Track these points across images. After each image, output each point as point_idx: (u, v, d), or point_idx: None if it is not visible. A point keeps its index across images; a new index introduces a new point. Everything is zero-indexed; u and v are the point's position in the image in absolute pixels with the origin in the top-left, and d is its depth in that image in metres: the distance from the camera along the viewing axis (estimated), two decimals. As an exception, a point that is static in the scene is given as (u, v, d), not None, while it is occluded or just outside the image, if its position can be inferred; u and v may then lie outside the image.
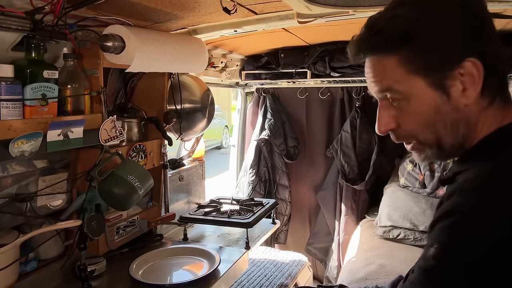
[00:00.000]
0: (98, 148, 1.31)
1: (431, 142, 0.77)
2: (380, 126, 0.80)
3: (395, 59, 0.74)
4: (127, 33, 1.23)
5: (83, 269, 1.26)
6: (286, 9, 1.40)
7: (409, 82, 0.74)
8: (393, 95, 0.76)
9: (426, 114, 0.75)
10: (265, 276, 1.95)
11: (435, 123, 0.75)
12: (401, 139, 0.81)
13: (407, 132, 0.78)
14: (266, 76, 2.47)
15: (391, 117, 0.78)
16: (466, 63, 0.71)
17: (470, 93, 0.73)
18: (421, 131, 0.77)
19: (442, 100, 0.73)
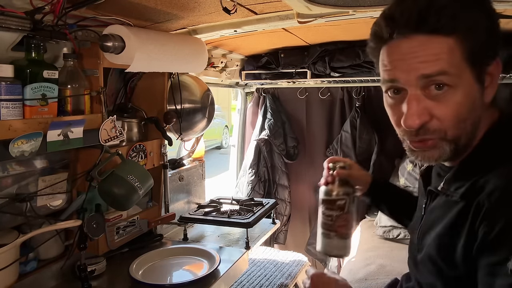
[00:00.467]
0: (98, 148, 1.31)
1: (455, 139, 0.74)
2: (414, 118, 0.72)
3: (452, 40, 0.70)
4: (127, 33, 1.23)
5: (83, 269, 1.26)
6: (286, 9, 1.40)
7: (461, 69, 0.71)
8: (444, 78, 0.70)
9: (466, 106, 0.72)
10: (265, 276, 1.95)
11: (468, 118, 0.73)
12: (429, 134, 0.75)
13: (439, 126, 0.73)
14: (266, 76, 2.47)
15: (425, 108, 0.73)
16: (494, 62, 0.74)
17: (490, 90, 0.75)
18: (453, 126, 0.73)
19: (479, 94, 0.74)
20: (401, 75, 0.73)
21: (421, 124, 0.73)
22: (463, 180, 0.77)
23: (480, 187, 0.72)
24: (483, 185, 0.72)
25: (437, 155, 0.76)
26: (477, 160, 0.77)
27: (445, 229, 0.80)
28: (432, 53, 0.71)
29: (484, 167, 0.75)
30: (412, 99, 0.73)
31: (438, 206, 0.86)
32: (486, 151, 0.77)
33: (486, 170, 0.74)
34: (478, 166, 0.76)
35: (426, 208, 0.91)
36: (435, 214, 0.86)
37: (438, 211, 0.85)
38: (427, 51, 0.71)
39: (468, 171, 0.77)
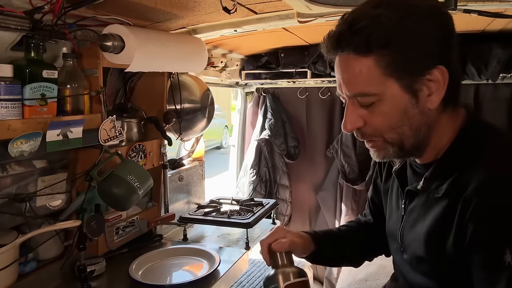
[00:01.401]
0: (98, 148, 1.31)
1: (395, 141, 0.80)
2: (347, 124, 0.82)
3: (372, 59, 0.75)
4: (127, 32, 1.22)
5: (83, 269, 1.25)
6: (286, 8, 1.39)
7: (383, 84, 0.76)
8: (366, 99, 0.78)
9: (395, 115, 0.78)
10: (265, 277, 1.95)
11: (402, 124, 0.79)
12: (366, 137, 0.83)
13: (374, 131, 0.81)
14: (266, 76, 2.47)
15: (359, 116, 0.81)
16: (435, 69, 0.76)
17: (435, 98, 0.77)
18: (387, 131, 0.80)
19: (411, 103, 0.77)
20: (339, 89, 0.83)
21: (353, 129, 0.82)
22: (442, 177, 0.80)
23: (464, 183, 0.75)
24: (467, 181, 0.75)
25: (382, 155, 0.84)
26: (454, 157, 0.81)
27: (431, 227, 0.82)
28: (352, 74, 0.77)
29: (462, 164, 0.78)
30: (348, 108, 0.82)
31: (418, 205, 0.88)
32: (461, 149, 0.80)
33: (466, 167, 0.77)
34: (456, 163, 0.79)
35: (405, 208, 0.92)
36: (416, 213, 0.88)
37: (419, 210, 0.87)
38: (349, 71, 0.78)
39: (447, 168, 0.81)
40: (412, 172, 0.92)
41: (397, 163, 0.97)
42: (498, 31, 1.81)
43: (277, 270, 0.88)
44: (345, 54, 0.78)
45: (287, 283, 0.84)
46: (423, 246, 0.84)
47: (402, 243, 0.93)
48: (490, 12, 1.28)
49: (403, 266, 0.96)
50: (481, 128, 0.83)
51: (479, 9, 1.25)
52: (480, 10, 1.25)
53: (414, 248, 0.87)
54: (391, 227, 1.01)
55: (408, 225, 0.91)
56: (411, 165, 0.93)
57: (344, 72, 0.79)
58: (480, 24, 1.69)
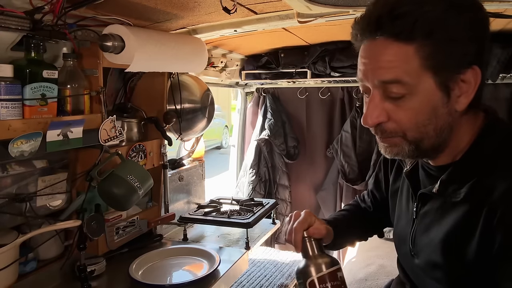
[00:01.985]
0: (98, 148, 1.31)
1: (415, 140, 0.76)
2: (369, 118, 0.75)
3: (413, 47, 0.70)
4: (127, 32, 1.22)
5: (83, 269, 1.25)
6: (286, 8, 1.39)
7: (419, 76, 0.71)
8: (398, 88, 0.72)
9: (425, 112, 0.73)
10: (265, 277, 1.95)
11: (428, 123, 0.74)
12: (386, 134, 0.77)
13: (396, 128, 0.75)
14: (266, 76, 2.47)
15: (383, 109, 0.75)
16: (469, 69, 0.72)
17: (464, 99, 0.73)
18: (412, 129, 0.74)
19: (442, 102, 0.73)
20: (366, 76, 0.75)
21: (375, 124, 0.76)
22: (460, 181, 0.76)
23: (487, 188, 0.71)
24: (490, 186, 0.71)
25: (395, 152, 0.78)
26: (473, 160, 0.77)
27: (449, 233, 0.78)
28: (389, 59, 0.71)
29: (483, 168, 0.74)
30: (372, 99, 0.75)
31: (432, 209, 0.84)
32: (481, 152, 0.77)
33: (487, 170, 0.73)
34: (475, 167, 0.76)
35: (418, 212, 0.88)
36: (430, 217, 0.85)
37: (434, 214, 0.84)
38: (385, 56, 0.71)
39: (466, 171, 0.77)
40: (426, 175, 0.88)
41: (407, 165, 0.93)
42: (498, 31, 1.81)
43: (308, 261, 0.83)
44: (382, 38, 0.72)
45: (320, 274, 0.79)
46: (439, 252, 0.80)
47: (414, 247, 0.89)
48: (490, 12, 1.28)
49: (413, 270, 0.93)
50: (501, 130, 0.79)
51: (479, 9, 1.25)
52: (480, 10, 1.25)
53: (429, 254, 0.84)
54: (400, 230, 0.98)
55: (421, 229, 0.87)
56: (423, 167, 0.89)
57: (379, 56, 0.72)
58: (480, 24, 1.69)
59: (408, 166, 0.93)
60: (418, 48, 0.70)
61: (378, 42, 0.73)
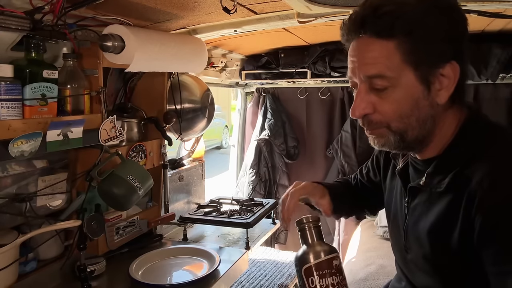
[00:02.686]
0: (98, 148, 1.31)
1: (399, 131, 0.80)
2: (357, 110, 0.81)
3: (393, 44, 0.76)
4: (127, 33, 1.22)
5: (83, 269, 1.25)
6: (286, 8, 1.39)
7: (401, 71, 0.77)
8: (382, 82, 0.77)
9: (407, 104, 0.78)
10: (265, 277, 1.95)
11: (411, 114, 0.79)
12: (372, 125, 0.82)
13: (381, 118, 0.81)
14: (266, 76, 2.47)
15: (369, 102, 0.80)
16: (448, 64, 0.77)
17: (444, 93, 0.79)
18: (396, 120, 0.79)
19: (423, 95, 0.78)
20: (353, 73, 0.82)
21: (362, 115, 0.81)
22: (444, 172, 0.81)
23: (467, 177, 0.76)
24: (470, 175, 0.75)
25: (382, 142, 0.84)
26: (455, 152, 0.81)
27: (434, 223, 0.82)
28: (372, 56, 0.77)
29: (464, 158, 0.79)
30: (359, 93, 0.81)
31: (421, 202, 0.88)
32: (462, 144, 0.81)
33: (468, 161, 0.78)
34: (457, 158, 0.80)
35: (408, 207, 0.92)
36: (419, 210, 0.88)
37: (422, 207, 0.87)
38: (369, 53, 0.78)
39: (448, 163, 0.81)
40: (414, 170, 0.92)
41: (400, 162, 0.97)
42: (498, 31, 1.81)
43: (307, 249, 0.85)
44: (366, 36, 0.78)
45: (318, 260, 0.81)
46: (427, 243, 0.83)
47: (406, 242, 0.93)
48: (490, 12, 1.28)
49: (406, 266, 0.95)
50: (482, 124, 0.84)
51: (479, 9, 1.25)
52: (480, 10, 1.25)
53: (418, 247, 0.87)
54: (394, 227, 1.01)
55: (411, 223, 0.91)
56: (412, 163, 0.93)
57: (363, 53, 0.79)
58: (480, 24, 1.69)
59: (401, 164, 0.97)
60: (399, 44, 0.75)
61: (363, 41, 0.79)
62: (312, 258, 0.81)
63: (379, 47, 0.77)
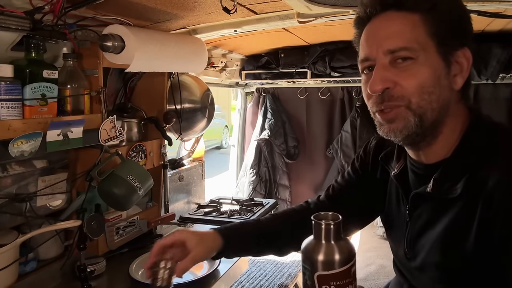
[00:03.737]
0: (98, 148, 1.31)
1: (420, 110, 0.76)
2: (377, 83, 0.76)
3: (418, 17, 0.75)
4: (127, 33, 1.22)
5: (83, 269, 1.25)
6: (286, 8, 1.40)
7: (424, 43, 0.75)
8: (406, 54, 0.75)
9: (429, 79, 0.75)
10: (265, 276, 1.95)
11: (433, 91, 0.76)
12: (392, 100, 0.77)
13: (403, 92, 0.76)
14: (266, 76, 2.47)
15: (390, 76, 0.77)
16: (463, 50, 0.78)
17: (459, 79, 0.78)
18: (417, 94, 0.76)
19: (444, 72, 0.77)
20: (371, 50, 0.78)
21: (383, 88, 0.76)
22: (454, 177, 0.77)
23: (481, 182, 0.72)
24: (484, 179, 0.72)
25: (401, 126, 0.78)
26: (464, 156, 0.78)
27: (448, 231, 0.78)
28: (396, 29, 0.76)
29: (475, 162, 0.76)
30: (379, 67, 0.77)
31: (426, 210, 0.84)
32: (472, 147, 0.78)
33: (479, 164, 0.75)
34: (468, 162, 0.77)
35: (410, 214, 0.88)
36: (424, 218, 0.84)
37: (429, 215, 0.83)
38: (392, 27, 0.76)
39: (458, 167, 0.77)
40: (415, 176, 0.88)
41: (395, 168, 0.93)
42: (498, 31, 1.81)
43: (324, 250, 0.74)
44: (390, 12, 0.78)
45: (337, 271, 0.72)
46: (438, 251, 0.80)
47: (410, 250, 0.89)
48: (490, 12, 1.28)
49: (410, 272, 0.92)
50: (488, 126, 0.81)
51: (479, 9, 1.25)
52: (480, 10, 1.25)
53: (426, 255, 0.83)
54: (394, 234, 0.98)
55: (415, 232, 0.87)
56: (412, 169, 0.89)
57: (386, 29, 0.77)
58: (480, 24, 1.69)
59: (396, 169, 0.92)
60: (423, 18, 0.75)
61: (386, 16, 0.78)
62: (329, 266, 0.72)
63: (403, 19, 0.76)
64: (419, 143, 0.82)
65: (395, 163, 0.93)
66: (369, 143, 1.08)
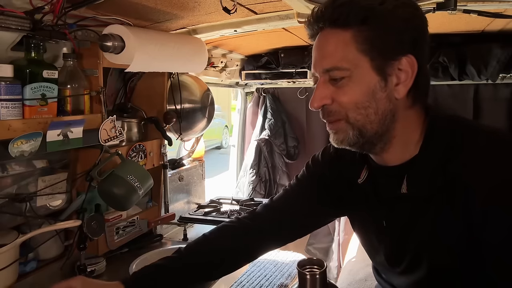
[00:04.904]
0: (98, 148, 1.31)
1: (358, 123, 0.79)
2: (316, 101, 0.81)
3: (349, 34, 0.77)
4: (127, 33, 1.22)
5: (83, 269, 1.26)
6: (286, 8, 1.39)
7: (356, 60, 0.77)
8: (338, 73, 0.78)
9: (363, 94, 0.78)
10: (265, 276, 1.95)
11: (368, 106, 0.78)
12: (331, 115, 0.81)
13: (339, 108, 0.80)
14: (266, 76, 2.47)
15: (327, 93, 0.80)
16: (405, 58, 0.77)
17: (402, 88, 0.79)
18: (353, 109, 0.79)
19: (380, 86, 0.78)
20: (315, 67, 0.83)
21: (320, 106, 0.81)
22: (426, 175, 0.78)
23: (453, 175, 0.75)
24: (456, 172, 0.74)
25: (341, 138, 0.82)
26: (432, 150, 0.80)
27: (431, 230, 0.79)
28: (329, 49, 0.79)
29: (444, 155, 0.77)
30: (319, 85, 0.81)
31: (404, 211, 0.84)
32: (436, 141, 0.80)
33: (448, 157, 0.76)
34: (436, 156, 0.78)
35: (388, 220, 0.88)
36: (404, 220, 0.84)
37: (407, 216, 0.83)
38: (327, 46, 0.80)
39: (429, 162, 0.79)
40: (385, 180, 0.88)
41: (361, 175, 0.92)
42: (498, 31, 1.81)
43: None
44: (325, 29, 0.80)
45: None
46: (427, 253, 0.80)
47: (393, 256, 0.88)
48: (490, 12, 1.28)
49: (396, 279, 0.92)
50: (449, 118, 0.83)
51: (479, 9, 1.25)
52: (480, 10, 1.25)
53: (414, 259, 0.83)
54: (369, 242, 0.97)
55: (396, 237, 0.86)
56: (381, 173, 0.89)
57: (322, 47, 0.81)
58: (480, 24, 1.69)
59: (362, 177, 0.92)
60: (354, 34, 0.76)
61: (323, 34, 0.81)
62: None
63: (336, 39, 0.78)
64: (372, 150, 0.85)
65: (358, 170, 0.93)
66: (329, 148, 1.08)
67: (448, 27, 1.75)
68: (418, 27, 0.79)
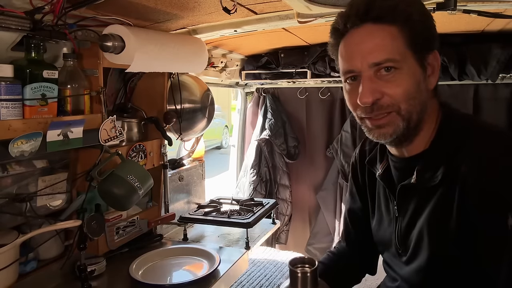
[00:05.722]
0: (98, 148, 1.31)
1: (408, 115, 0.82)
2: (366, 96, 0.81)
3: (395, 29, 0.80)
4: (127, 33, 1.22)
5: (83, 269, 1.26)
6: (286, 9, 1.40)
7: (404, 53, 0.80)
8: (391, 64, 0.80)
9: (412, 85, 0.81)
10: (265, 276, 1.95)
11: (415, 96, 0.81)
12: (382, 109, 0.82)
13: (392, 101, 0.81)
14: (266, 76, 2.47)
15: (377, 88, 0.81)
16: (434, 52, 0.84)
17: (433, 79, 0.85)
18: (405, 101, 0.81)
19: (422, 78, 0.83)
20: (356, 64, 0.82)
21: (374, 100, 0.81)
22: (434, 166, 0.83)
23: (457, 169, 0.79)
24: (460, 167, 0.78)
25: (391, 131, 0.84)
26: (442, 146, 0.84)
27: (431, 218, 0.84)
28: (378, 42, 0.81)
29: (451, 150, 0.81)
30: (366, 80, 0.82)
31: (413, 201, 0.89)
32: (447, 137, 0.85)
33: (455, 152, 0.81)
34: (445, 151, 0.83)
35: (399, 209, 0.93)
36: (411, 210, 0.89)
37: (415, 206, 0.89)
38: (374, 40, 0.81)
39: (437, 156, 0.84)
40: (399, 171, 0.93)
41: (379, 169, 0.98)
42: (498, 31, 1.81)
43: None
44: (369, 24, 0.81)
45: None
46: (426, 240, 0.84)
47: (401, 245, 0.93)
48: (490, 12, 1.28)
49: (402, 269, 0.95)
50: (459, 117, 0.88)
51: (479, 9, 1.25)
52: (480, 10, 1.25)
53: (415, 244, 0.88)
54: (382, 233, 1.01)
55: (404, 225, 0.91)
56: (394, 165, 0.94)
57: (368, 42, 0.81)
58: (480, 24, 1.69)
59: (380, 170, 0.98)
60: (400, 29, 0.80)
61: (365, 29, 0.82)
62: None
63: (383, 32, 0.80)
64: (406, 141, 0.88)
65: (379, 164, 0.99)
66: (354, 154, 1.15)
67: (448, 27, 1.76)
68: (435, 26, 0.85)
